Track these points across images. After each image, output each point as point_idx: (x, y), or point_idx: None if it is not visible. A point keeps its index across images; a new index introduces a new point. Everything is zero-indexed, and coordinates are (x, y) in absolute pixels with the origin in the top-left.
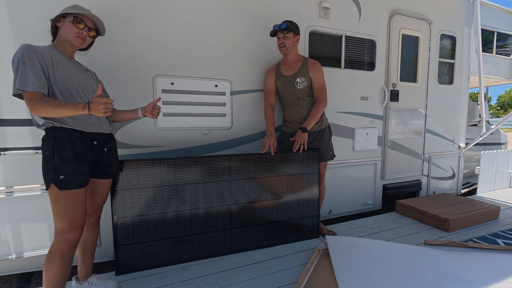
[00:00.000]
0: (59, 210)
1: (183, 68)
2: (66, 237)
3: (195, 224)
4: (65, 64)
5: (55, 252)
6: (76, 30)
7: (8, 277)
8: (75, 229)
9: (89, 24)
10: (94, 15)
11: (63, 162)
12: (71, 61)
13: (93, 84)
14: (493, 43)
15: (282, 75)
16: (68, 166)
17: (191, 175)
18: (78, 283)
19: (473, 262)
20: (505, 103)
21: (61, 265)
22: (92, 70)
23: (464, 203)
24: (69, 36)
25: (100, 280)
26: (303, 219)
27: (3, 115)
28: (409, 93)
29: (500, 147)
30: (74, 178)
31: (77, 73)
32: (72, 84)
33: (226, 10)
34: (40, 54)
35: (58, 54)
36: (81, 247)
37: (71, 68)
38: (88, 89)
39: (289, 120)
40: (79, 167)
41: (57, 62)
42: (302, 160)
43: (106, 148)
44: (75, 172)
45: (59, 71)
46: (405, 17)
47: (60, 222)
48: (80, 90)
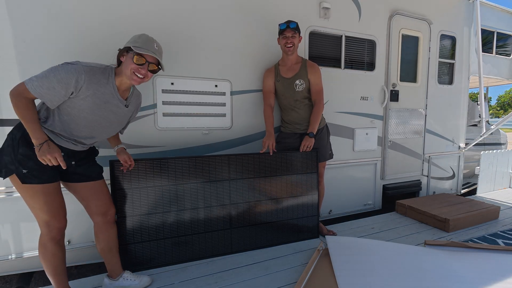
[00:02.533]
0: (39, 206)
1: (183, 68)
2: (54, 225)
3: (195, 224)
4: (101, 98)
5: (47, 241)
6: (135, 67)
7: (8, 277)
8: (59, 218)
9: (150, 60)
10: (156, 52)
11: (26, 157)
12: (113, 95)
13: (122, 120)
14: (493, 43)
15: (282, 77)
16: (32, 161)
17: (191, 175)
18: (112, 280)
19: (473, 262)
20: (505, 103)
21: (55, 249)
22: (137, 100)
23: (464, 203)
24: (128, 72)
25: (134, 275)
26: (303, 219)
27: (3, 115)
28: (409, 93)
29: (500, 147)
30: (37, 174)
31: (106, 109)
32: (85, 117)
33: (226, 10)
34: (82, 84)
35: (104, 85)
36: (105, 247)
37: (104, 103)
38: (107, 122)
39: (287, 120)
40: (43, 164)
41: (93, 96)
42: (301, 160)
43: (74, 162)
44: (39, 168)
45: (87, 102)
46: (405, 17)
47: (42, 216)
48: (94, 125)
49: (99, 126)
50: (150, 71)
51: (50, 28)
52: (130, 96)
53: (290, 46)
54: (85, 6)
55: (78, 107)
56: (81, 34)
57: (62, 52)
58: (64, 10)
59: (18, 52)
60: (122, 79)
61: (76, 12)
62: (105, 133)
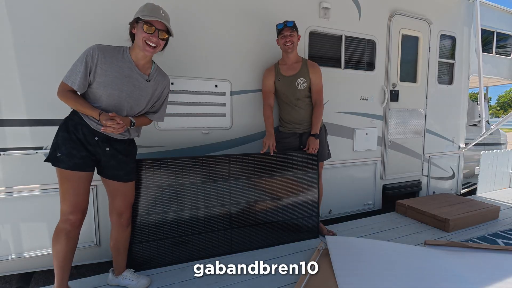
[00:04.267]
0: (62, 192)
1: (183, 68)
2: (68, 218)
3: (195, 224)
4: (120, 72)
5: (60, 230)
6: (146, 35)
7: (8, 277)
8: (76, 212)
9: (159, 27)
10: (163, 17)
11: (62, 141)
12: (132, 68)
13: (145, 95)
14: (493, 43)
15: (282, 75)
16: (65, 146)
17: (191, 175)
18: (114, 276)
19: (473, 262)
20: (504, 103)
21: (66, 241)
22: (163, 79)
23: (464, 203)
24: (140, 42)
25: (134, 275)
26: (303, 219)
27: (3, 115)
28: (409, 93)
29: (500, 147)
30: (65, 159)
31: (129, 84)
32: (112, 94)
33: (226, 10)
34: (97, 60)
35: (120, 59)
36: (114, 246)
37: (124, 77)
38: (132, 98)
39: (287, 120)
40: (75, 150)
41: (111, 69)
42: (301, 160)
43: (109, 149)
44: (69, 154)
45: (107, 76)
46: (405, 17)
47: (63, 204)
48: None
49: (126, 103)
50: (161, 39)
51: (50, 28)
52: (153, 73)
53: (289, 44)
54: (85, 6)
55: (103, 84)
56: (81, 34)
57: (62, 52)
58: (64, 10)
59: (18, 52)
60: (137, 52)
61: (76, 12)
62: (132, 111)
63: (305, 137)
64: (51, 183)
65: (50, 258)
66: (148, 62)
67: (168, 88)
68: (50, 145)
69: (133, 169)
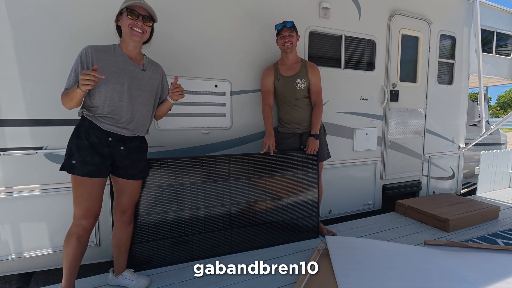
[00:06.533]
0: (75, 197)
1: (183, 68)
2: (81, 223)
3: (195, 224)
4: (116, 66)
5: (72, 233)
6: (131, 22)
7: (8, 277)
8: (89, 217)
9: (142, 13)
10: (144, 4)
11: (76, 148)
12: (126, 61)
13: (144, 85)
14: (493, 43)
15: (282, 76)
16: (78, 153)
17: (191, 175)
18: (114, 276)
19: (473, 262)
20: (504, 103)
21: (76, 245)
22: (158, 69)
23: (464, 203)
24: (126, 30)
25: (134, 275)
26: (303, 219)
27: (3, 115)
28: (408, 93)
29: (500, 147)
30: (80, 166)
31: (127, 76)
32: (114, 88)
33: (226, 10)
34: (92, 57)
35: (113, 55)
36: (116, 244)
37: (121, 70)
38: (134, 90)
39: (286, 120)
40: (88, 157)
41: (107, 65)
42: (301, 160)
43: (123, 148)
44: (83, 160)
45: (105, 73)
46: (405, 17)
47: (76, 209)
48: (125, 95)
49: (130, 97)
50: (146, 25)
51: (50, 28)
52: (146, 63)
53: (288, 44)
54: (86, 6)
55: (104, 81)
56: (81, 34)
57: (62, 52)
58: (64, 10)
59: (18, 52)
60: (127, 44)
61: (76, 12)
62: (138, 104)
63: (305, 137)
64: (51, 183)
65: (50, 258)
66: (139, 54)
67: (165, 75)
68: (50, 145)
69: (145, 167)
